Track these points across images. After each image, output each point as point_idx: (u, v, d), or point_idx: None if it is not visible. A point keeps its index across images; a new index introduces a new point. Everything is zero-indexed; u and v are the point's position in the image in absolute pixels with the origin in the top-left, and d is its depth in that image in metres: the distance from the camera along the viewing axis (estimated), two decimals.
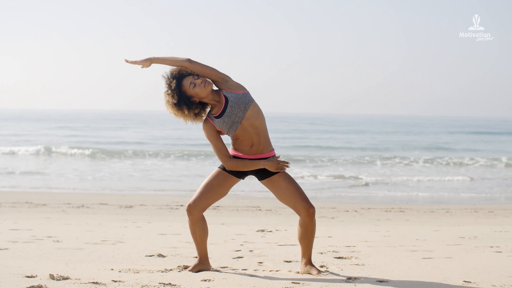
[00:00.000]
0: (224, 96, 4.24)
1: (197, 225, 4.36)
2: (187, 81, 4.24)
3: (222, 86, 4.27)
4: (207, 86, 4.23)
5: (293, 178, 4.36)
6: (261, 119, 4.28)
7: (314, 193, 13.29)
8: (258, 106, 4.29)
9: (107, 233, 6.44)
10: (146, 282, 3.97)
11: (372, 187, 14.91)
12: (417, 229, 7.36)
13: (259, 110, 4.29)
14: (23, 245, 5.43)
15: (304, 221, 4.30)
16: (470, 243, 6.00)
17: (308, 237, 4.33)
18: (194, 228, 4.37)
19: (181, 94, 4.24)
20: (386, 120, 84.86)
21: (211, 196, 4.32)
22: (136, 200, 11.01)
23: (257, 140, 4.28)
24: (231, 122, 4.23)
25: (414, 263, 4.81)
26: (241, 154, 4.29)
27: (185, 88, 4.23)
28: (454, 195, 13.52)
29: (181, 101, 4.25)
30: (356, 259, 4.96)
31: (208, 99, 4.26)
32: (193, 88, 4.23)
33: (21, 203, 9.99)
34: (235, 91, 4.25)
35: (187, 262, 4.72)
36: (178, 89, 4.23)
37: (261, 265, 4.69)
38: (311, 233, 4.33)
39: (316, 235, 6.55)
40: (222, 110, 4.24)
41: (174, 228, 7.08)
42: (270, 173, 4.31)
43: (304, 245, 4.36)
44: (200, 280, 4.09)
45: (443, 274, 4.33)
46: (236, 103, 4.21)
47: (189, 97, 4.25)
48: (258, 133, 4.27)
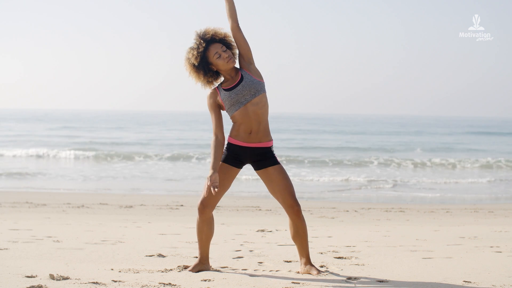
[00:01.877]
0: (241, 74, 4.28)
1: (206, 224, 4.35)
2: (214, 49, 4.26)
3: (243, 65, 4.31)
4: (230, 63, 4.26)
5: (287, 174, 4.36)
6: (264, 110, 4.29)
7: (314, 193, 13.29)
8: (267, 99, 4.31)
9: (107, 233, 6.44)
10: (146, 282, 3.97)
11: (372, 187, 14.91)
12: (417, 229, 7.36)
13: (266, 103, 4.30)
14: (23, 245, 5.43)
15: (291, 219, 4.33)
16: (470, 243, 6.00)
17: (300, 235, 4.33)
18: (202, 227, 4.36)
19: (204, 58, 4.27)
20: (385, 120, 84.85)
21: (218, 191, 4.31)
22: (136, 200, 11.01)
23: (256, 128, 4.27)
24: (235, 100, 4.24)
25: (414, 263, 4.81)
26: (239, 142, 4.28)
27: (210, 54, 4.26)
28: (454, 195, 13.52)
29: (200, 65, 4.28)
30: (356, 259, 4.96)
31: (225, 72, 4.29)
32: (217, 58, 4.26)
33: (21, 203, 9.99)
34: (253, 76, 4.28)
35: (187, 262, 4.72)
36: (203, 52, 4.26)
37: (261, 265, 4.69)
38: (302, 231, 4.34)
39: (316, 235, 6.55)
40: (233, 86, 4.26)
41: (174, 228, 7.08)
42: (266, 164, 4.31)
43: (299, 244, 4.37)
44: (200, 280, 4.09)
45: (443, 274, 4.33)
46: (248, 86, 4.24)
47: (209, 63, 4.28)
48: (259, 121, 4.27)
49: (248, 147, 4.29)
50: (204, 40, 4.27)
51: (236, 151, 4.30)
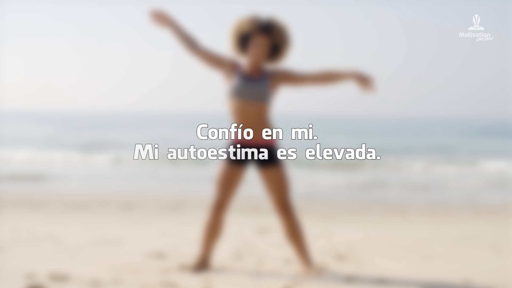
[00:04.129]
0: (265, 76, 4.23)
1: (218, 226, 4.33)
2: (261, 40, 4.20)
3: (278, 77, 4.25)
4: (259, 60, 4.21)
5: (286, 177, 4.32)
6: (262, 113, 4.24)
7: (314, 193, 13.29)
8: (269, 108, 4.25)
9: (107, 233, 6.44)
10: (146, 282, 3.97)
11: (372, 187, 14.91)
12: (417, 229, 7.37)
13: (267, 109, 4.24)
14: (23, 245, 5.43)
15: (281, 221, 4.32)
16: (470, 243, 6.00)
17: (295, 237, 4.32)
18: (212, 228, 4.33)
19: (248, 38, 4.21)
20: (385, 120, 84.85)
21: (230, 191, 4.30)
22: (136, 200, 11.01)
23: (251, 124, 4.25)
24: (239, 88, 4.20)
25: (414, 263, 4.81)
26: (237, 139, 4.27)
27: (254, 40, 4.20)
28: (454, 195, 13.52)
29: (245, 42, 4.23)
30: (356, 259, 4.96)
31: (250, 61, 4.23)
32: (254, 47, 4.20)
33: (21, 203, 9.99)
34: (269, 87, 4.23)
35: (187, 262, 4.72)
36: (253, 33, 4.19)
37: (261, 265, 4.69)
38: (297, 234, 4.32)
39: (316, 235, 6.55)
40: (248, 77, 4.22)
41: (174, 228, 7.08)
42: (268, 164, 4.30)
43: (295, 246, 4.35)
44: (200, 280, 4.09)
45: (443, 274, 4.33)
46: (259, 90, 4.19)
47: (247, 45, 4.22)
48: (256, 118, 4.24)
49: (245, 144, 4.28)
50: (268, 28, 4.20)
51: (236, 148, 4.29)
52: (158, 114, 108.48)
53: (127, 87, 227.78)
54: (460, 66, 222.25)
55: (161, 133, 41.47)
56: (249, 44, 4.23)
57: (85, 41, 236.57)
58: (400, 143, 34.34)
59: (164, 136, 38.25)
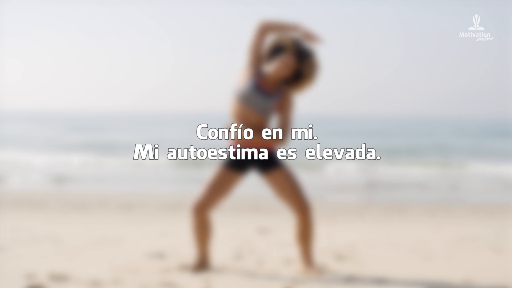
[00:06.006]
0: (276, 93, 4.23)
1: (204, 225, 4.32)
2: (291, 59, 4.20)
3: (288, 101, 4.26)
4: (278, 75, 4.21)
5: (292, 174, 4.33)
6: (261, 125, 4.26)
7: (313, 194, 13.29)
8: (269, 122, 4.27)
9: (107, 233, 6.44)
10: (146, 282, 3.97)
11: (372, 187, 14.91)
12: (417, 229, 7.37)
13: (265, 125, 4.25)
14: (23, 245, 5.43)
15: (299, 221, 4.30)
16: (470, 243, 6.00)
17: (306, 237, 4.32)
18: (200, 229, 4.33)
19: (281, 51, 4.22)
20: (385, 120, 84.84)
21: (217, 195, 4.29)
22: (136, 200, 11.01)
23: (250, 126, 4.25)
24: (247, 94, 4.19)
25: (414, 263, 4.81)
26: (240, 143, 4.27)
27: (285, 56, 4.20)
28: (454, 195, 13.52)
29: (276, 52, 4.23)
30: (356, 259, 4.96)
31: (270, 73, 4.23)
32: (281, 62, 4.20)
33: (21, 203, 9.99)
34: (275, 107, 4.24)
35: (187, 262, 4.72)
36: (288, 50, 4.20)
37: (261, 265, 4.69)
38: (309, 234, 4.32)
39: (316, 235, 6.55)
40: (261, 87, 4.21)
41: (174, 228, 7.08)
42: (271, 167, 4.29)
43: (303, 246, 4.35)
44: (200, 280, 4.09)
45: (443, 274, 4.33)
46: (266, 104, 4.20)
47: (275, 56, 4.22)
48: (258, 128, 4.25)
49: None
50: (303, 53, 4.22)
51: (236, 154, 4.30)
52: (158, 114, 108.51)
53: (127, 87, 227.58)
54: (460, 66, 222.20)
55: (161, 133, 41.46)
56: (278, 56, 4.23)
57: (85, 41, 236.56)
58: (400, 143, 34.35)
59: (164, 136, 38.25)
